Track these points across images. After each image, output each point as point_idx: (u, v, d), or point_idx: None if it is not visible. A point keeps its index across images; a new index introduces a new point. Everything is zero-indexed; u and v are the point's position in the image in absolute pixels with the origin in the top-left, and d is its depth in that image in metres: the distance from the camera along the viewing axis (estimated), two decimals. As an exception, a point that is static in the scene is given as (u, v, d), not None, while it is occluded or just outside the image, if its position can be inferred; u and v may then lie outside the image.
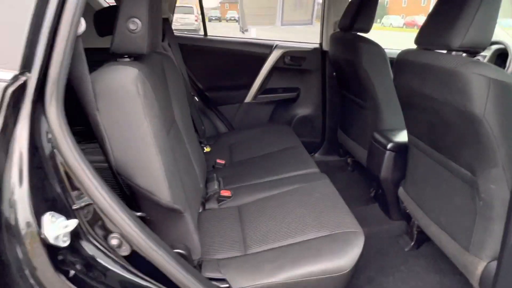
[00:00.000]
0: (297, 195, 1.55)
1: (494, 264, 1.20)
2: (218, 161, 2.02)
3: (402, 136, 1.86)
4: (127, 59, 1.10)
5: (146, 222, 1.13)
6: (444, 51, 1.25)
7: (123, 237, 0.85)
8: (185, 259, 1.15)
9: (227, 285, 1.15)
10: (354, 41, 2.04)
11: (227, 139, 2.42)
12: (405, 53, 1.45)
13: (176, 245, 1.17)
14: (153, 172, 0.99)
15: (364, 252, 1.86)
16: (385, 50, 2.02)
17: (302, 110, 2.77)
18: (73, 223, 0.76)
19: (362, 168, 2.29)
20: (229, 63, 2.72)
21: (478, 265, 1.25)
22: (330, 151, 2.81)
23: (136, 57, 1.14)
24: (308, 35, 2.85)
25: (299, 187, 1.61)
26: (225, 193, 1.65)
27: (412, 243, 1.83)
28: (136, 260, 0.91)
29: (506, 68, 2.01)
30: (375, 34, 2.24)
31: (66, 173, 0.81)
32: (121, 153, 0.96)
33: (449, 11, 1.21)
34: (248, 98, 2.71)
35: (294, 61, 2.65)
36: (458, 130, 1.23)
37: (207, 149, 2.20)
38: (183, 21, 13.31)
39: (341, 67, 2.32)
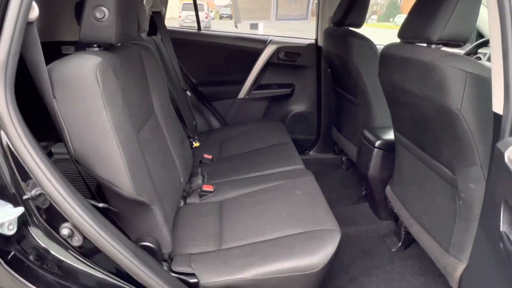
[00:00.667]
0: (279, 191, 1.52)
1: (473, 266, 1.15)
2: (205, 156, 2.01)
3: (392, 134, 1.81)
4: (96, 49, 1.09)
5: (114, 214, 1.13)
6: (425, 44, 1.21)
7: (75, 227, 0.83)
8: (153, 252, 1.14)
9: (195, 280, 1.13)
10: (345, 36, 1.99)
11: (218, 134, 2.40)
12: (388, 47, 1.40)
13: (145, 238, 1.16)
14: (113, 163, 0.97)
15: (350, 251, 1.83)
16: (377, 46, 1.96)
17: (297, 107, 2.74)
18: (18, 211, 0.75)
19: (356, 167, 2.25)
20: (223, 58, 2.70)
21: (458, 267, 1.21)
22: (325, 149, 2.77)
23: (107, 47, 1.13)
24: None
25: (282, 184, 1.59)
26: (207, 187, 1.63)
27: (400, 244, 1.78)
28: (97, 254, 0.89)
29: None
30: (388, 33, 2.19)
31: (18, 161, 0.80)
32: (79, 142, 0.94)
33: (430, 3, 1.16)
34: (242, 93, 2.69)
35: (289, 57, 2.62)
36: (437, 126, 1.19)
37: (196, 144, 2.18)
38: (193, 18, 13.32)
39: (333, 63, 2.27)
